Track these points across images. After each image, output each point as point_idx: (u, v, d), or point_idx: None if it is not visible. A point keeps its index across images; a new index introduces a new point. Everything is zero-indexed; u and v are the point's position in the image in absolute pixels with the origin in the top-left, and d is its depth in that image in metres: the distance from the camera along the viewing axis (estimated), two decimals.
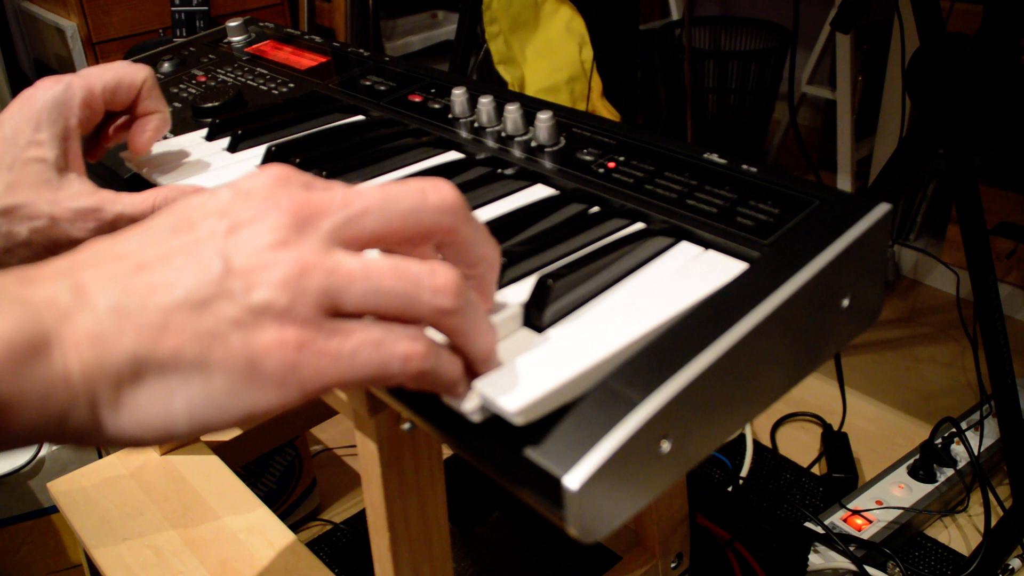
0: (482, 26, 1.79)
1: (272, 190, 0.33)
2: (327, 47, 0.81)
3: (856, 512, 1.17)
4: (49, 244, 0.50)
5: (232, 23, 0.86)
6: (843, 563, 1.05)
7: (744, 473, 1.31)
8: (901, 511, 1.17)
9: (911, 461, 1.25)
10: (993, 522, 1.14)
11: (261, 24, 0.89)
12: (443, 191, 0.35)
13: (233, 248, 0.31)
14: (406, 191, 0.34)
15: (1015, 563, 1.12)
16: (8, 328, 0.28)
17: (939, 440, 1.27)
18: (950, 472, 1.23)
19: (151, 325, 0.30)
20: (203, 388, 0.30)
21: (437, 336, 0.35)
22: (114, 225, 0.51)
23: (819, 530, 1.11)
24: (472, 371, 0.36)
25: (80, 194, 0.51)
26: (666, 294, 0.41)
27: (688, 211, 0.48)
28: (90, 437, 0.30)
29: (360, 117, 0.68)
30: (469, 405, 0.36)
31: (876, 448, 1.36)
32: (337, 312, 0.32)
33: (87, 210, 0.50)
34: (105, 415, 0.30)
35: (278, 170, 0.34)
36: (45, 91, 0.52)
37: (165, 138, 0.66)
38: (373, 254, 0.33)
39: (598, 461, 0.32)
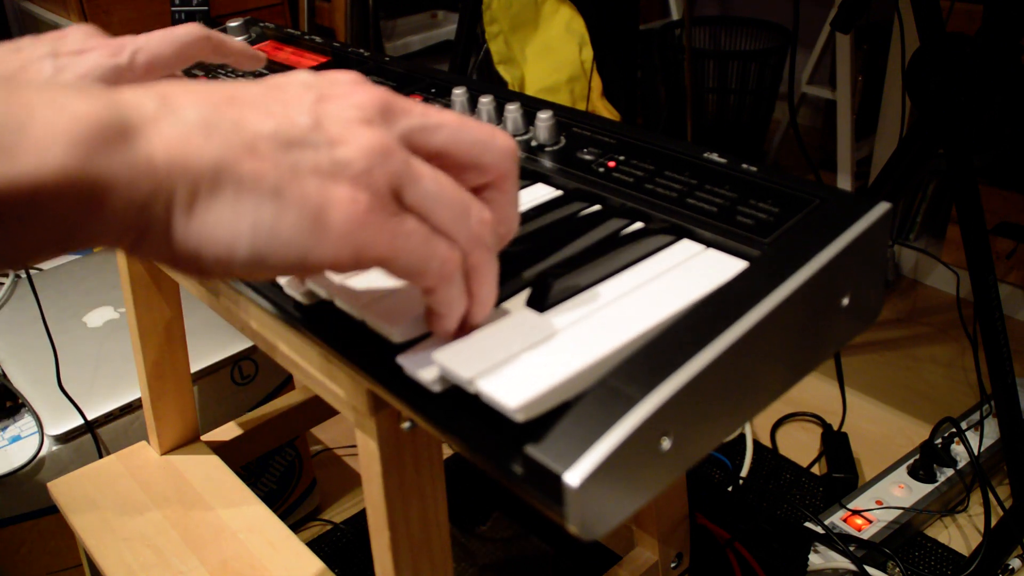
0: (482, 26, 1.79)
1: (357, 81, 0.36)
2: (327, 47, 0.81)
3: (856, 512, 1.17)
4: None
5: (232, 23, 0.86)
6: (843, 563, 1.05)
7: (744, 473, 1.31)
8: (901, 511, 1.17)
9: (911, 461, 1.25)
10: (993, 522, 1.14)
11: (261, 24, 0.89)
12: (508, 139, 0.38)
13: (322, 111, 0.34)
14: (479, 124, 0.37)
15: (1015, 563, 1.12)
16: (99, 110, 0.29)
17: (939, 440, 1.27)
18: (950, 472, 1.23)
19: (239, 143, 0.31)
20: (273, 217, 0.32)
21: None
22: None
23: (819, 530, 1.11)
24: (465, 320, 0.38)
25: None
26: (666, 292, 0.42)
27: (688, 210, 0.48)
28: (158, 241, 0.31)
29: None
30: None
31: (876, 448, 1.36)
32: (398, 200, 0.34)
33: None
34: (177, 216, 0.31)
35: (356, 73, 0.37)
36: (108, 55, 0.51)
37: None
38: None
39: (598, 458, 0.32)
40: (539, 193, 0.54)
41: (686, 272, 0.44)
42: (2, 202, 0.27)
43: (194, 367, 1.03)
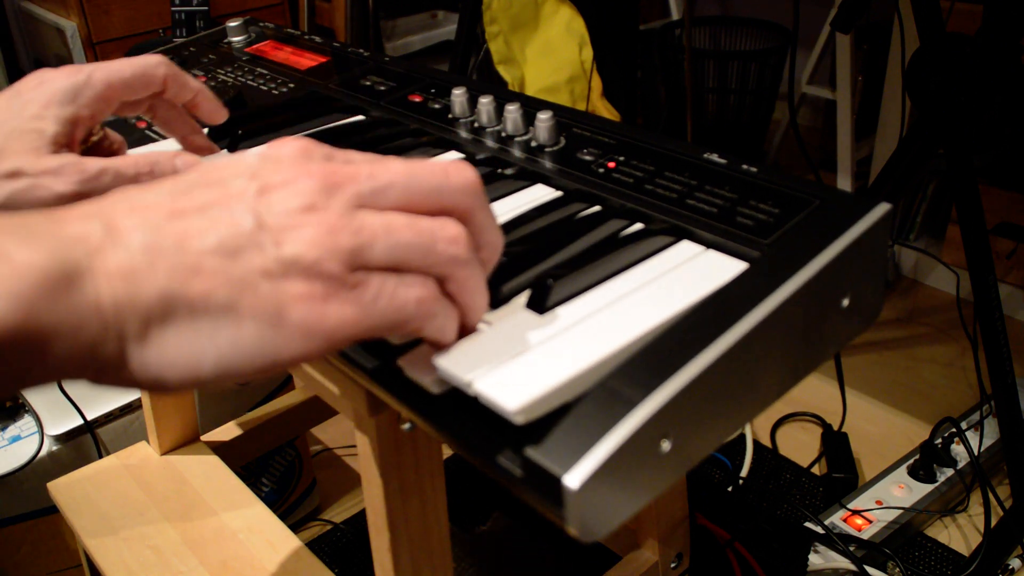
0: (482, 26, 1.79)
1: (299, 158, 0.35)
2: (327, 47, 0.81)
3: (856, 512, 1.17)
4: (30, 207, 0.49)
5: (232, 23, 0.86)
6: (843, 563, 1.05)
7: (744, 473, 1.31)
8: (901, 511, 1.17)
9: (911, 461, 1.25)
10: (993, 522, 1.14)
11: (261, 24, 0.89)
12: (465, 173, 0.37)
13: (264, 208, 0.33)
14: (430, 170, 0.36)
15: (1015, 563, 1.12)
16: (42, 259, 0.29)
17: (939, 440, 1.27)
18: (950, 472, 1.23)
19: (184, 266, 0.31)
20: (231, 334, 0.31)
21: None
22: (98, 179, 0.50)
23: (819, 530, 1.11)
24: (460, 328, 0.38)
25: (65, 158, 0.50)
26: (666, 294, 0.42)
27: (688, 211, 0.48)
28: (116, 373, 0.31)
29: (360, 117, 0.68)
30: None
31: (876, 448, 1.36)
32: (363, 267, 0.33)
33: (69, 163, 0.49)
34: (132, 351, 0.31)
35: (302, 141, 0.36)
36: (65, 78, 0.52)
37: (164, 139, 0.66)
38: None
39: (598, 460, 0.32)
40: (539, 194, 0.54)
41: (686, 274, 0.44)
42: None
43: None
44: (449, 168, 0.36)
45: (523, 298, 0.42)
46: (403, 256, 0.34)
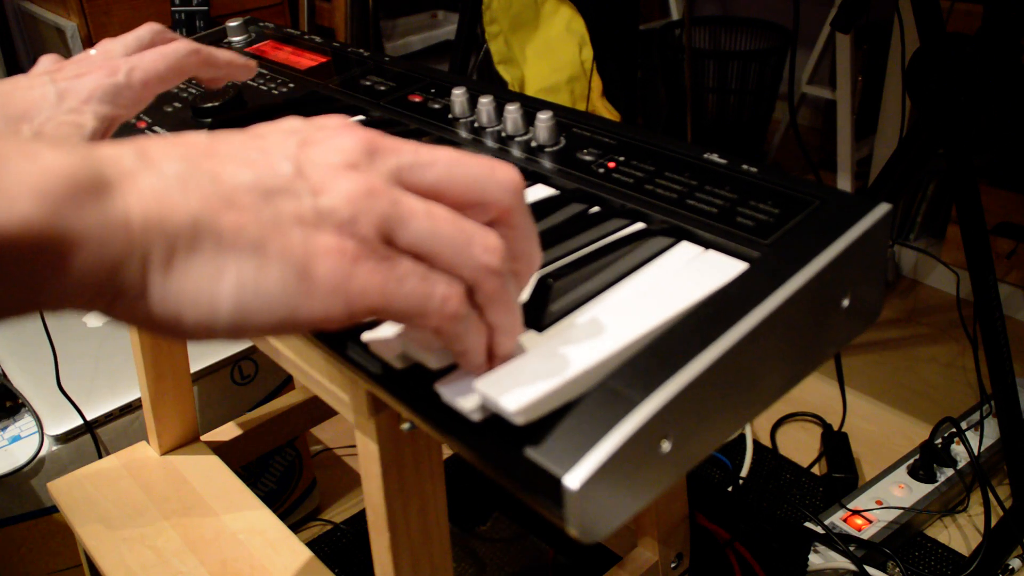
0: (482, 26, 1.79)
1: (344, 124, 0.34)
2: (327, 47, 0.81)
3: (856, 512, 1.17)
4: None
5: (232, 23, 0.86)
6: (843, 563, 1.05)
7: (744, 473, 1.31)
8: (901, 511, 1.17)
9: (911, 461, 1.25)
10: (993, 522, 1.14)
11: (261, 24, 0.89)
12: (510, 171, 0.36)
13: (304, 158, 0.32)
14: (476, 158, 0.35)
15: (1015, 563, 1.12)
16: (72, 163, 0.28)
17: (939, 440, 1.27)
18: (950, 472, 1.23)
19: (218, 196, 0.30)
20: (255, 274, 0.30)
21: None
22: None
23: (819, 530, 1.11)
24: (491, 351, 0.36)
25: None
26: (666, 294, 0.41)
27: (688, 211, 0.48)
28: (134, 304, 0.30)
29: (360, 117, 0.68)
30: (469, 403, 0.36)
31: (876, 448, 1.36)
32: (390, 243, 0.32)
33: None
34: (154, 277, 0.29)
35: (344, 116, 0.36)
36: (105, 76, 0.52)
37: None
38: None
39: (598, 461, 0.32)
40: (539, 194, 0.54)
41: (686, 274, 0.43)
42: None
43: (194, 367, 1.03)
44: (495, 163, 0.35)
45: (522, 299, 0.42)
46: (435, 246, 0.33)
